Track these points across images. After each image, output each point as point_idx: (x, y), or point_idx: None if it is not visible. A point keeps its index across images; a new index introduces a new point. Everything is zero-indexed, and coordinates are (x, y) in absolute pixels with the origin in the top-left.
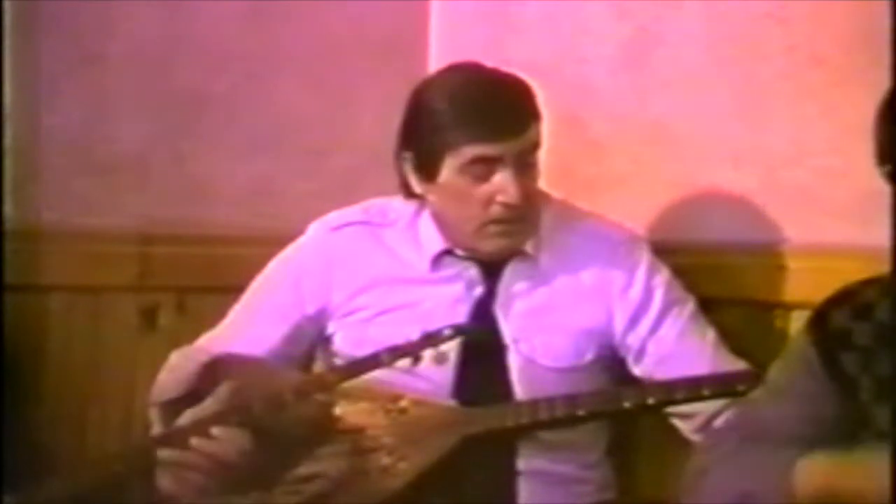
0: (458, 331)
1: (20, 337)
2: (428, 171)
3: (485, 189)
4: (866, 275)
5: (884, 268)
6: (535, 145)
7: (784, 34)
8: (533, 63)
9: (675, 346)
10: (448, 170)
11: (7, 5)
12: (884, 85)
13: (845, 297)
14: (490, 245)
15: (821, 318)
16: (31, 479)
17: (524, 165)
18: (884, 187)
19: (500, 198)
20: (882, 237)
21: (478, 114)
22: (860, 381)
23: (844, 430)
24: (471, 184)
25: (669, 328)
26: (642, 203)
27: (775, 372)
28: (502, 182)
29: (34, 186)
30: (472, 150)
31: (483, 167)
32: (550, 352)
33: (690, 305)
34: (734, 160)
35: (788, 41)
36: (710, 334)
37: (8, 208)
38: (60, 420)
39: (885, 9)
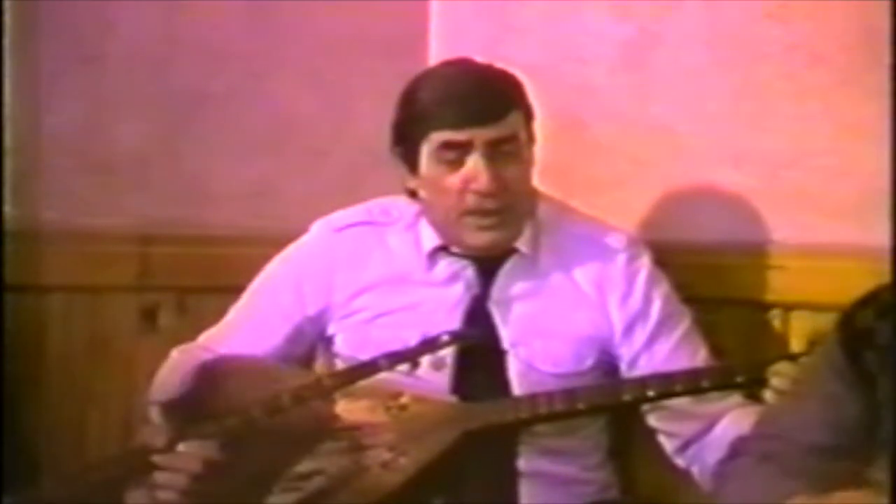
0: (455, 337)
1: (20, 337)
2: (412, 162)
3: (457, 177)
4: (866, 275)
5: (884, 268)
6: (511, 135)
7: (784, 34)
8: (533, 64)
9: (666, 364)
10: (425, 159)
11: (7, 5)
12: (884, 85)
13: (871, 298)
14: (473, 238)
15: (848, 318)
16: (30, 480)
17: (499, 154)
18: (883, 187)
19: (472, 185)
20: (882, 237)
21: (447, 100)
22: (878, 380)
23: (865, 436)
24: (444, 172)
25: (663, 344)
26: (642, 203)
27: (801, 373)
28: (473, 169)
29: (34, 186)
30: (439, 136)
31: (453, 154)
32: (550, 357)
33: (686, 321)
34: (734, 160)
35: (788, 41)
36: (702, 352)
37: (8, 208)
38: (60, 420)
39: (884, 9)
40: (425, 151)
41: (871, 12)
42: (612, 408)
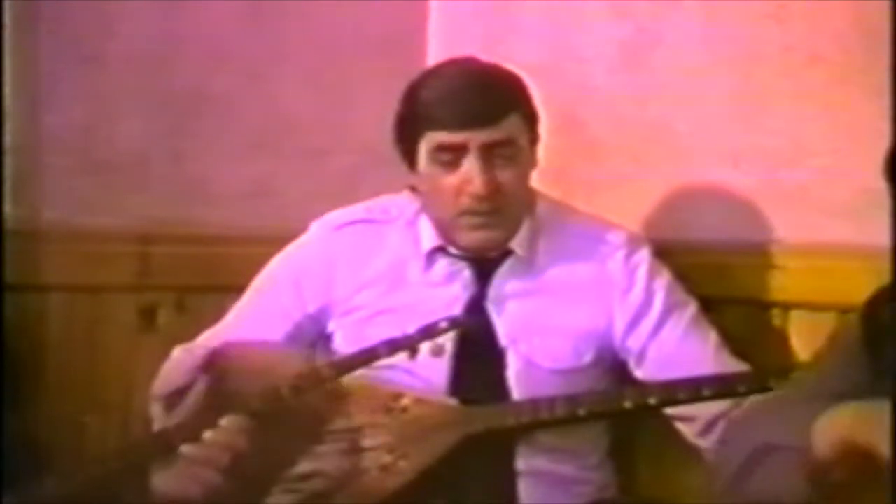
0: (454, 323)
1: (19, 336)
2: (410, 159)
3: (454, 178)
4: (865, 274)
5: (883, 267)
6: (508, 138)
7: (782, 34)
8: (532, 63)
9: (677, 349)
10: (422, 158)
11: (7, 5)
12: (883, 85)
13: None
14: (467, 238)
15: (872, 301)
16: (30, 479)
17: (494, 157)
18: (882, 186)
19: (467, 188)
20: (881, 236)
21: (445, 101)
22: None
23: None
24: (441, 172)
25: (671, 331)
26: (641, 203)
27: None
28: (468, 172)
29: (34, 186)
30: (435, 137)
31: (450, 155)
32: (549, 354)
33: (692, 308)
34: (733, 160)
35: (787, 41)
36: (713, 337)
37: (8, 208)
38: (60, 420)
39: (883, 8)
40: (423, 150)
41: (870, 12)
42: (613, 414)
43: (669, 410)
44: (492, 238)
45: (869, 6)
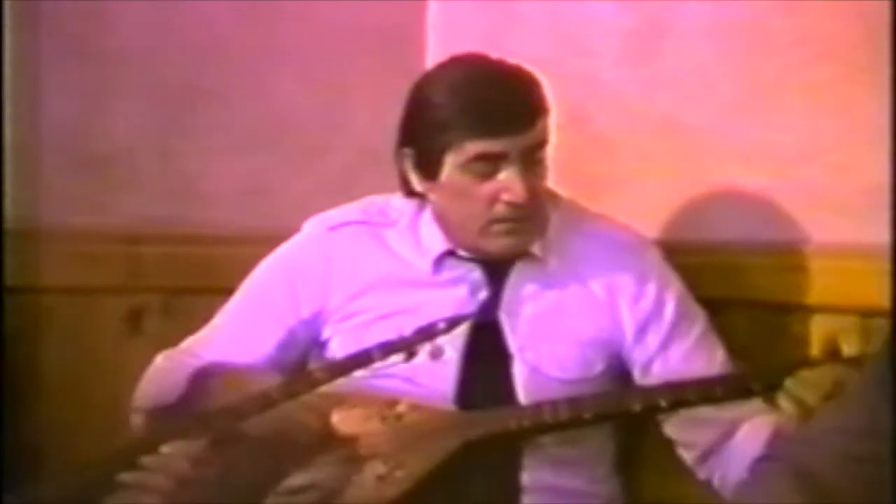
0: (452, 323)
1: (13, 338)
2: (429, 168)
3: (489, 187)
4: (877, 274)
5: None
6: (542, 141)
7: (792, 27)
8: (536, 56)
9: (682, 367)
10: (450, 167)
11: (7, 5)
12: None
13: None
14: (495, 245)
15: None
16: (21, 480)
17: (530, 162)
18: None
19: (505, 196)
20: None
21: (480, 108)
22: None
23: None
24: (474, 182)
25: (678, 347)
26: (650, 200)
27: (852, 378)
28: (507, 180)
29: (27, 185)
30: (474, 147)
31: (487, 164)
32: (557, 362)
33: (701, 322)
34: (743, 156)
35: (796, 34)
36: (720, 354)
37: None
38: (51, 421)
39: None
40: (452, 160)
41: (880, 7)
42: (619, 417)
43: (669, 433)
44: (521, 243)
45: (875, 3)
